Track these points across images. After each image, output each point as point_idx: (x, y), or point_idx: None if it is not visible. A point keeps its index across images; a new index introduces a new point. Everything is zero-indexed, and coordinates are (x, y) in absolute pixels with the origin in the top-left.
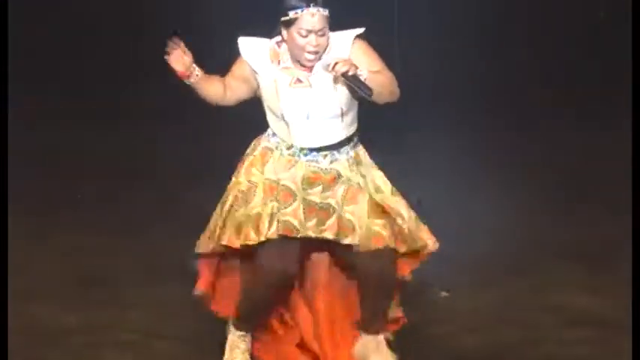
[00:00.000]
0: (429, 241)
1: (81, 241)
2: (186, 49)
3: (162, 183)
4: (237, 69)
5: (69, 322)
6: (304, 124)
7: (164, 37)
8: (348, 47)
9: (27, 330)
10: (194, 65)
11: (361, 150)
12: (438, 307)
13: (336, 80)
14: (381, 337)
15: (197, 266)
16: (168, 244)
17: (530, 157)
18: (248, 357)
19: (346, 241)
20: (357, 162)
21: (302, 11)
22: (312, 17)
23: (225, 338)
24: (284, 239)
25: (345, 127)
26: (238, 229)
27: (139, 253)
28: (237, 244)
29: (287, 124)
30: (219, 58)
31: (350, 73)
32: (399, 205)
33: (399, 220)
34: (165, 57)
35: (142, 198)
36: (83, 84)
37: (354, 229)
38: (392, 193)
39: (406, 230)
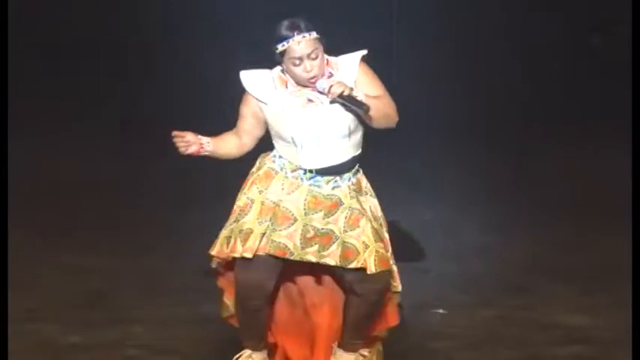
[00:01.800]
0: (397, 283)
1: (85, 262)
2: (184, 133)
3: (163, 206)
4: (245, 108)
5: (74, 340)
6: (314, 145)
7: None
8: (355, 70)
9: (33, 348)
10: (199, 137)
11: (362, 177)
12: (437, 324)
13: (332, 102)
14: (357, 355)
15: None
16: (169, 265)
17: (526, 182)
18: None
19: (351, 265)
20: (357, 190)
21: (288, 42)
22: (298, 45)
23: (227, 350)
24: (267, 258)
25: (350, 147)
26: (228, 241)
27: (141, 273)
28: (223, 254)
29: (296, 146)
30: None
31: (345, 94)
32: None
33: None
34: (181, 152)
35: (144, 221)
36: (85, 107)
37: (358, 252)
38: (383, 226)
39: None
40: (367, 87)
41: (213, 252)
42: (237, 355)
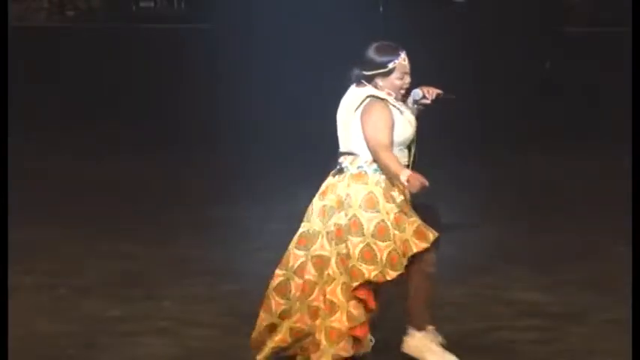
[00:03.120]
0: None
1: (122, 248)
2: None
3: (188, 202)
4: (389, 121)
5: (114, 313)
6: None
7: None
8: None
9: (80, 320)
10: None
11: None
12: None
13: (420, 106)
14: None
15: None
16: (193, 251)
17: (493, 179)
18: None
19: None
20: None
21: (398, 60)
22: (404, 62)
23: (243, 322)
24: None
25: None
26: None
27: (169, 258)
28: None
29: (410, 150)
30: None
31: (441, 96)
32: None
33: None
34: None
35: (171, 214)
36: (120, 114)
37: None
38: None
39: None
40: None
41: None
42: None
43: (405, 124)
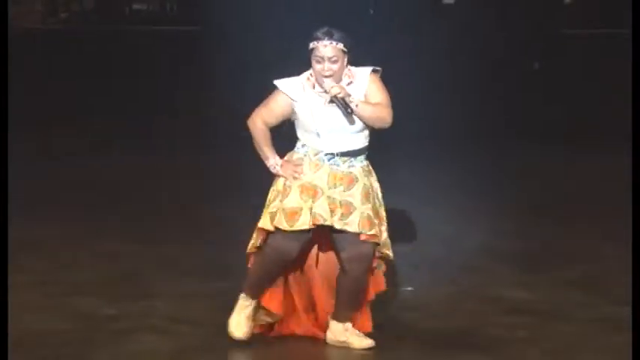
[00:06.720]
0: (390, 252)
1: (116, 248)
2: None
3: (181, 202)
4: (276, 106)
5: (109, 312)
6: (335, 135)
7: None
8: (366, 80)
9: (76, 318)
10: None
11: (369, 164)
12: (407, 299)
13: (330, 100)
14: (346, 325)
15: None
16: (184, 250)
17: (480, 182)
18: (250, 322)
19: (370, 232)
20: (368, 172)
21: (317, 43)
22: (324, 47)
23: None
24: (300, 231)
25: (361, 138)
26: (273, 217)
27: (161, 258)
28: (269, 227)
29: (319, 136)
30: None
31: (340, 96)
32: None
33: (383, 228)
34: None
35: (164, 214)
36: (113, 113)
37: (373, 223)
38: (382, 206)
39: (384, 238)
40: (371, 94)
41: (260, 224)
42: (238, 303)
43: (306, 112)
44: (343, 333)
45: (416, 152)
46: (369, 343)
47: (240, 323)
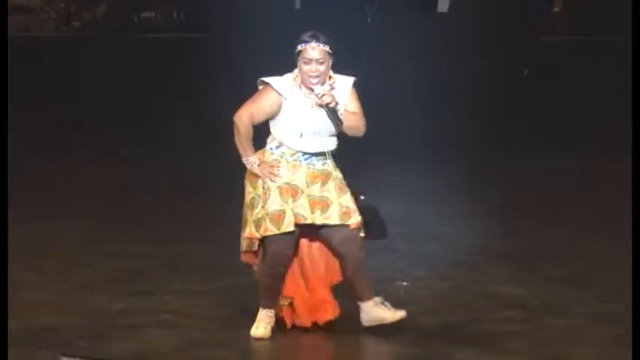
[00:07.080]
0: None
1: (127, 247)
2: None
3: (186, 203)
4: (266, 104)
5: (119, 307)
6: (317, 137)
7: None
8: (349, 90)
9: (88, 313)
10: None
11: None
12: (403, 294)
13: (319, 106)
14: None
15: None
16: (191, 249)
17: (475, 184)
18: (270, 330)
19: (350, 222)
20: (335, 166)
21: (305, 45)
22: (312, 50)
23: (238, 314)
24: (291, 231)
25: (335, 139)
26: (259, 224)
27: (169, 256)
28: (257, 236)
29: (301, 136)
30: None
31: (331, 106)
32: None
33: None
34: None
35: (172, 215)
36: (122, 117)
37: (352, 211)
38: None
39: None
40: (350, 104)
41: (246, 234)
42: (258, 316)
43: (293, 112)
44: (374, 309)
45: (415, 156)
46: (401, 314)
47: (265, 335)
